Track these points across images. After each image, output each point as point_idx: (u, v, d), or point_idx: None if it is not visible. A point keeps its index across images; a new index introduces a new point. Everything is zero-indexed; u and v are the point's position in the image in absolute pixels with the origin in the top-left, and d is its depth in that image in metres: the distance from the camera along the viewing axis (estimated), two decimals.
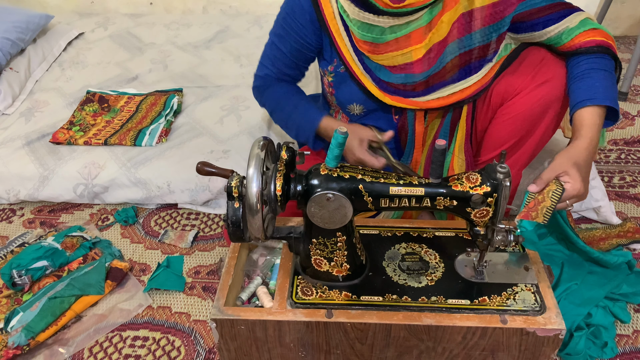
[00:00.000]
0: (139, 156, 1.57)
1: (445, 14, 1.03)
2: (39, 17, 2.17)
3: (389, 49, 1.07)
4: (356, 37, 1.09)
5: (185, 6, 2.69)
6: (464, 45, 1.07)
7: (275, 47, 1.23)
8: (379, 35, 1.05)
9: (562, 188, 0.92)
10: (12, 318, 1.20)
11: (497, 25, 1.05)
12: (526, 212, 0.91)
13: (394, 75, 1.11)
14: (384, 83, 1.13)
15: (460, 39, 1.06)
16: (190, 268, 1.37)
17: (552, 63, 1.09)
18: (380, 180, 0.86)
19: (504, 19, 1.05)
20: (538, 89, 1.08)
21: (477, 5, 1.03)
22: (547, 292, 0.92)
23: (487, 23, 1.05)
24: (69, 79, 2.04)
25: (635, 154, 1.71)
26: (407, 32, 1.04)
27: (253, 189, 0.80)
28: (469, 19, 1.04)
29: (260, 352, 0.96)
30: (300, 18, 1.15)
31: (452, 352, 0.92)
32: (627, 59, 2.30)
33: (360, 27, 1.06)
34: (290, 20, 1.17)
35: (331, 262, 0.92)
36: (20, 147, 1.64)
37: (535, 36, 1.08)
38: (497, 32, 1.06)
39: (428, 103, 1.14)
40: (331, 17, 1.11)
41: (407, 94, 1.14)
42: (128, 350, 1.18)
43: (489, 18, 1.04)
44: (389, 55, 1.08)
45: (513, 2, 1.04)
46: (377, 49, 1.07)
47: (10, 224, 1.56)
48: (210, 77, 2.00)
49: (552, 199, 0.91)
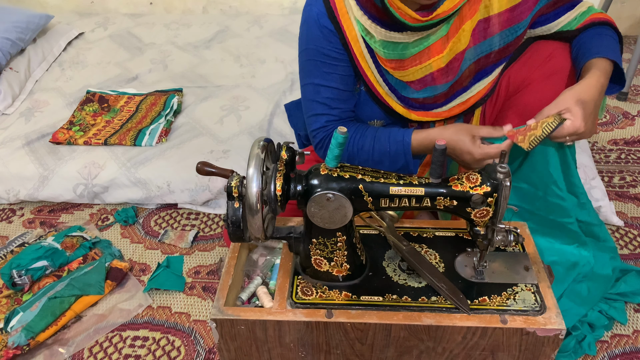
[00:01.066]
0: (139, 156, 1.57)
1: (467, 23, 1.02)
2: (39, 17, 2.17)
3: (413, 63, 1.05)
4: (381, 57, 1.06)
5: (185, 6, 2.69)
6: (482, 51, 1.06)
7: (324, 89, 1.10)
8: (403, 51, 1.03)
9: (558, 122, 0.92)
10: (12, 318, 1.20)
11: (515, 28, 1.05)
12: (514, 133, 0.91)
13: (417, 92, 1.09)
14: (409, 100, 1.12)
15: (477, 45, 1.05)
16: (190, 268, 1.37)
17: (561, 55, 1.09)
18: (380, 180, 0.86)
19: (522, 22, 1.04)
20: (548, 80, 1.08)
21: (495, 11, 1.02)
22: (547, 292, 0.92)
23: (505, 27, 1.04)
24: (69, 79, 2.04)
25: (635, 154, 1.71)
26: (428, 45, 1.03)
27: (253, 189, 0.80)
28: (487, 25, 1.03)
29: (260, 352, 0.96)
30: (329, 47, 1.07)
31: (452, 352, 0.92)
32: (627, 59, 2.30)
33: (386, 47, 1.03)
34: (322, 55, 1.08)
35: (331, 262, 0.92)
36: (20, 147, 1.64)
37: (550, 27, 1.08)
38: (515, 34, 1.05)
39: (450, 111, 1.13)
40: (354, 40, 1.06)
41: (429, 107, 1.13)
42: (128, 350, 1.18)
43: (506, 22, 1.03)
44: (411, 71, 1.06)
45: (530, 4, 1.03)
46: (402, 65, 1.05)
47: (10, 224, 1.56)
48: (210, 77, 2.00)
49: (545, 129, 0.91)
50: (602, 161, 1.68)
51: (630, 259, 1.34)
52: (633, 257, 1.35)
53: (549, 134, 0.92)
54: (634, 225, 1.44)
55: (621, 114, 1.92)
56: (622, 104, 1.97)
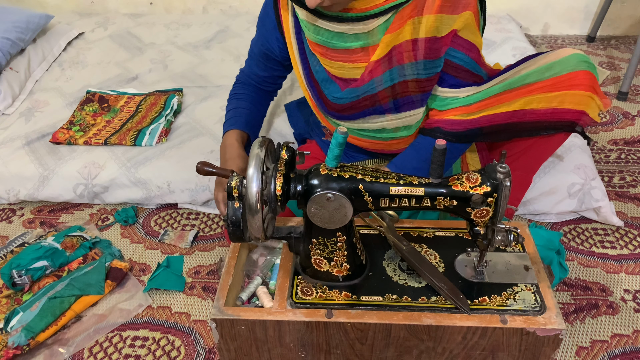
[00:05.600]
0: (139, 156, 1.57)
1: (387, 35, 1.01)
2: (39, 17, 2.17)
3: (339, 56, 1.06)
4: (309, 39, 1.08)
5: (185, 6, 2.69)
6: (403, 74, 1.05)
7: (251, 47, 1.28)
8: (328, 40, 1.04)
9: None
10: (12, 318, 1.20)
11: (435, 63, 1.04)
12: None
13: (341, 92, 1.11)
14: (330, 103, 1.15)
15: (401, 66, 1.04)
16: (190, 268, 1.37)
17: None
18: (380, 180, 0.86)
19: (439, 59, 1.03)
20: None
21: (421, 35, 1.01)
22: (547, 292, 0.92)
23: (427, 57, 1.03)
24: (69, 79, 2.04)
25: (635, 154, 1.71)
26: (356, 47, 1.04)
27: (253, 189, 0.80)
28: (411, 47, 1.02)
29: (260, 352, 0.96)
30: (267, 23, 1.18)
31: (452, 352, 0.92)
32: (627, 59, 2.30)
33: (311, 29, 1.05)
34: (260, 24, 1.20)
35: (331, 262, 0.92)
36: (20, 147, 1.64)
37: (437, 90, 1.09)
38: (433, 71, 1.05)
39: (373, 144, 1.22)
40: (287, 22, 1.12)
41: (342, 116, 1.16)
42: (128, 350, 1.18)
43: (427, 52, 1.02)
44: (339, 64, 1.08)
45: (444, 44, 1.01)
46: (328, 52, 1.07)
47: (10, 224, 1.56)
48: (210, 77, 2.00)
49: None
50: (602, 161, 1.68)
51: (630, 259, 1.34)
52: (633, 257, 1.35)
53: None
54: (634, 225, 1.44)
55: (621, 114, 1.92)
56: (622, 104, 1.97)
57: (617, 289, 1.27)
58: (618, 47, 2.45)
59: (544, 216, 1.46)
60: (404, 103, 1.10)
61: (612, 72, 2.22)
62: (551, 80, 1.06)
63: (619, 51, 2.40)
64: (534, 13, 2.55)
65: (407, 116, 1.12)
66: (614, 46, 2.45)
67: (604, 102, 1.09)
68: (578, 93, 1.06)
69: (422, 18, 0.98)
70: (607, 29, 2.55)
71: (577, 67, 1.05)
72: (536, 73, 1.07)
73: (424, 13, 0.98)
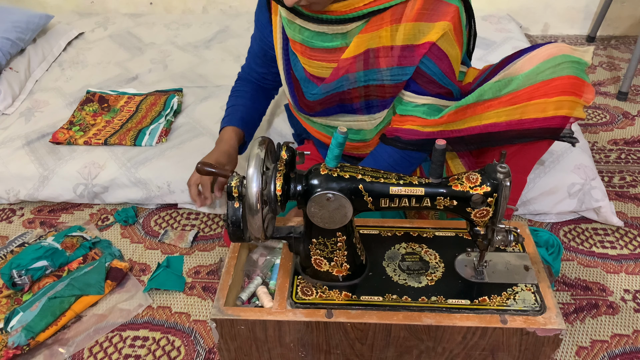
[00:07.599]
0: (139, 156, 1.57)
1: (360, 35, 1.01)
2: (39, 17, 2.17)
3: (317, 56, 1.07)
4: (290, 37, 1.09)
5: (185, 6, 2.69)
6: (378, 78, 1.05)
7: (251, 43, 1.30)
8: (308, 39, 1.05)
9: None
10: (12, 318, 1.20)
11: (406, 70, 1.03)
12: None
13: (317, 87, 1.11)
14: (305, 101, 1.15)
15: (370, 70, 1.04)
16: (190, 268, 1.37)
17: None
18: (380, 180, 0.86)
19: (413, 66, 1.02)
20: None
21: (398, 43, 1.00)
22: (547, 292, 0.92)
23: (400, 64, 1.02)
24: (68, 79, 2.04)
25: (635, 154, 1.71)
26: (335, 46, 1.04)
27: (253, 189, 0.80)
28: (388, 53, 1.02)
29: (260, 352, 0.96)
30: (262, 18, 1.20)
31: (452, 352, 0.92)
32: (627, 59, 2.30)
33: (292, 28, 1.06)
34: (256, 18, 1.22)
35: (331, 262, 0.92)
36: (20, 147, 1.64)
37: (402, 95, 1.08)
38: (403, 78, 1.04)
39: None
40: (275, 18, 1.13)
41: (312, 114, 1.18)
42: (128, 350, 1.18)
43: (401, 59, 1.02)
44: (316, 64, 1.08)
45: (418, 54, 1.01)
46: (307, 51, 1.07)
47: (10, 224, 1.56)
48: (210, 77, 2.00)
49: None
50: (602, 161, 1.68)
51: (630, 259, 1.34)
52: (633, 257, 1.35)
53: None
54: (634, 225, 1.44)
55: (621, 114, 1.92)
56: (622, 104, 1.97)
57: (617, 289, 1.27)
58: (618, 47, 2.45)
59: (544, 216, 1.46)
60: (374, 105, 1.11)
61: (612, 72, 2.22)
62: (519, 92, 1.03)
63: (619, 51, 2.40)
64: (534, 13, 2.55)
65: (378, 118, 1.13)
66: (614, 46, 2.45)
67: (587, 98, 1.04)
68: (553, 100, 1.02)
69: (400, 26, 0.99)
70: (607, 29, 2.55)
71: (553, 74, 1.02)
72: (495, 88, 1.04)
73: (402, 21, 0.99)
